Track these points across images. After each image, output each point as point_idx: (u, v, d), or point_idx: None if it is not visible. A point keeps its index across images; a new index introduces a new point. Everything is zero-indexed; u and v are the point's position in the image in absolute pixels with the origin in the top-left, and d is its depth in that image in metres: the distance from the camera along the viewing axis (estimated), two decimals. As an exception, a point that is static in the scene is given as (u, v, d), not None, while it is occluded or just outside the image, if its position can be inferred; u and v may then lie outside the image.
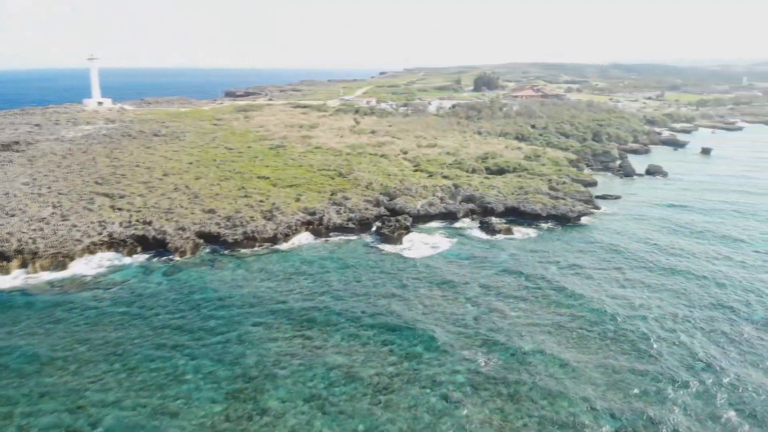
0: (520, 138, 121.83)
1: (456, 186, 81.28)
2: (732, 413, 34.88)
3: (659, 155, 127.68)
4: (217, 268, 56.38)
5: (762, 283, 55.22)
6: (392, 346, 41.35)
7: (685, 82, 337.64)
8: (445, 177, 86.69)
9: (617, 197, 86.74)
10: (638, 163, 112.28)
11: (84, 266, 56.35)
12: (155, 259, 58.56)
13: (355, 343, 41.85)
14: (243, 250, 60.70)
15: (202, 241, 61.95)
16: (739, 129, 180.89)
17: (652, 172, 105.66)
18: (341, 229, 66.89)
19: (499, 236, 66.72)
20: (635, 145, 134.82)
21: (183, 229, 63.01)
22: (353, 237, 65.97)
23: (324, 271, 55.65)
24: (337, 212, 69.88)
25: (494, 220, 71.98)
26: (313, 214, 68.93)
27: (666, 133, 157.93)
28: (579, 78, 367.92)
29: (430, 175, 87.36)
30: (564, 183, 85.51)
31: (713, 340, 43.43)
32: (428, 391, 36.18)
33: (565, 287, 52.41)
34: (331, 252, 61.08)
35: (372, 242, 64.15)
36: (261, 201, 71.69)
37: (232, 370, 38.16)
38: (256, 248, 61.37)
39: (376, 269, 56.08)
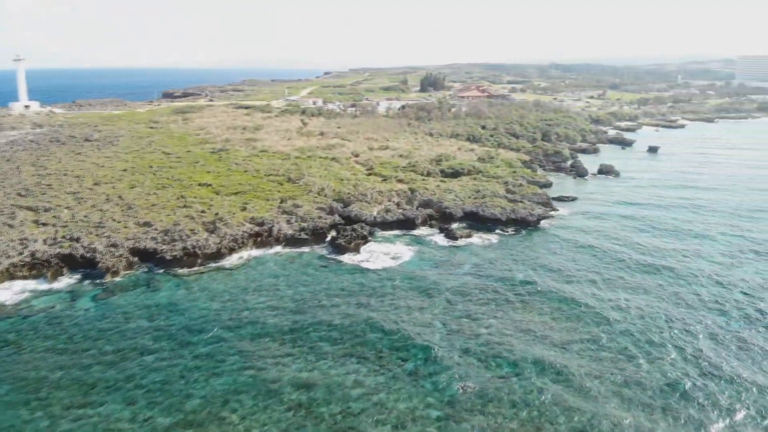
0: (472, 139, 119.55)
1: (412, 191, 77.58)
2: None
3: (608, 154, 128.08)
4: (154, 290, 50.58)
5: (735, 278, 55.17)
6: (357, 376, 37.00)
7: (624, 81, 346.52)
8: (400, 181, 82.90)
9: (573, 198, 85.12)
10: (589, 162, 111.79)
11: (1, 292, 49.57)
12: (84, 282, 52.17)
13: (315, 373, 37.27)
14: (183, 269, 54.95)
15: (136, 259, 55.87)
16: (682, 127, 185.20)
17: (605, 171, 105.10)
18: (293, 240, 61.99)
19: (461, 243, 63.38)
20: (584, 145, 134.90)
21: (115, 245, 56.70)
22: (306, 249, 61.20)
23: (275, 289, 50.70)
24: (288, 222, 64.93)
25: (454, 225, 68.63)
26: (261, 224, 63.74)
27: (612, 132, 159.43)
28: (521, 78, 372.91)
29: (385, 179, 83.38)
30: (520, 185, 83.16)
31: (694, 334, 41.30)
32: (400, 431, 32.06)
33: (534, 295, 49.62)
34: (283, 267, 56.13)
35: (328, 254, 59.55)
36: (202, 211, 65.92)
37: (173, 415, 32.94)
38: (197, 265, 55.74)
39: (334, 285, 51.52)
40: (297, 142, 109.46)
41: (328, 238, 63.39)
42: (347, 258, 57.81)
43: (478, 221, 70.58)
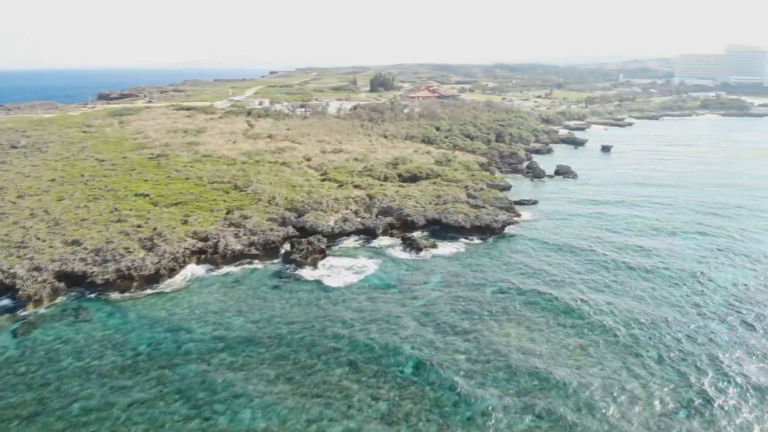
0: (427, 141, 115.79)
1: (371, 197, 72.84)
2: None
3: (562, 154, 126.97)
4: (83, 321, 44.11)
5: (719, 279, 54.42)
6: (321, 423, 31.97)
7: (568, 81, 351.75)
8: (356, 186, 78.00)
9: (534, 202, 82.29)
10: (544, 163, 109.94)
11: None
12: (2, 315, 45.09)
13: (273, 422, 32.02)
14: (116, 294, 48.61)
15: (63, 284, 49.08)
16: (630, 125, 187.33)
17: (562, 172, 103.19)
18: (242, 256, 56.28)
19: (425, 254, 59.06)
20: (537, 145, 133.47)
21: (38, 269, 49.65)
22: (258, 265, 55.62)
23: (223, 316, 44.97)
24: (236, 236, 59.13)
25: (416, 234, 64.31)
26: (205, 239, 57.75)
27: (564, 132, 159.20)
28: (468, 78, 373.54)
29: (340, 185, 78.32)
30: (481, 189, 79.68)
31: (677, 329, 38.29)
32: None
33: (508, 311, 45.73)
34: (232, 289, 50.37)
35: (282, 271, 54.10)
36: (139, 226, 59.27)
37: (100, 486, 27.17)
38: (133, 289, 49.45)
39: (291, 309, 46.20)
40: (243, 145, 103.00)
41: (282, 253, 58.00)
42: (304, 275, 52.54)
43: (441, 229, 66.56)
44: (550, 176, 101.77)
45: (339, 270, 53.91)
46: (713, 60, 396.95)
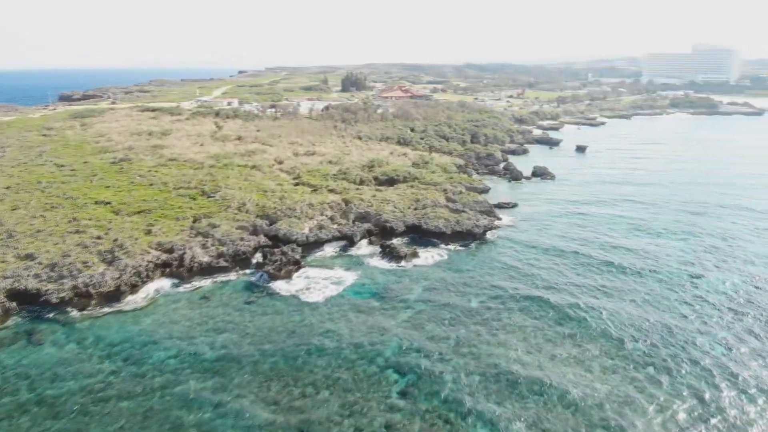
0: (402, 142, 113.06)
1: (347, 202, 69.68)
2: None
3: (537, 155, 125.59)
4: (36, 345, 40.19)
5: (713, 279, 54.05)
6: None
7: (538, 80, 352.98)
8: (332, 191, 74.75)
9: (514, 205, 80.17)
10: (520, 164, 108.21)
11: None
12: (-60, 340, 40.88)
13: (246, 461, 28.80)
14: (74, 313, 44.73)
15: (14, 304, 44.94)
16: (602, 124, 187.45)
17: (539, 173, 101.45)
18: (210, 269, 52.67)
19: (406, 263, 56.19)
20: (513, 146, 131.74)
21: (-16, 287, 45.41)
22: (228, 278, 52.10)
23: (190, 338, 41.41)
24: (203, 246, 55.44)
25: (395, 241, 61.46)
26: (170, 251, 53.94)
27: (538, 132, 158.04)
28: (440, 78, 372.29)
29: (315, 190, 74.97)
30: (460, 193, 77.19)
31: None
32: None
33: (496, 322, 43.22)
34: (199, 306, 46.77)
35: (254, 284, 50.65)
36: (98, 237, 55.11)
37: None
38: (92, 308, 45.58)
39: (265, 328, 42.82)
40: (211, 148, 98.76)
41: (254, 264, 54.55)
42: (279, 288, 49.17)
43: (421, 235, 63.83)
44: (528, 178, 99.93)
45: (316, 282, 50.67)
46: (680, 59, 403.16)
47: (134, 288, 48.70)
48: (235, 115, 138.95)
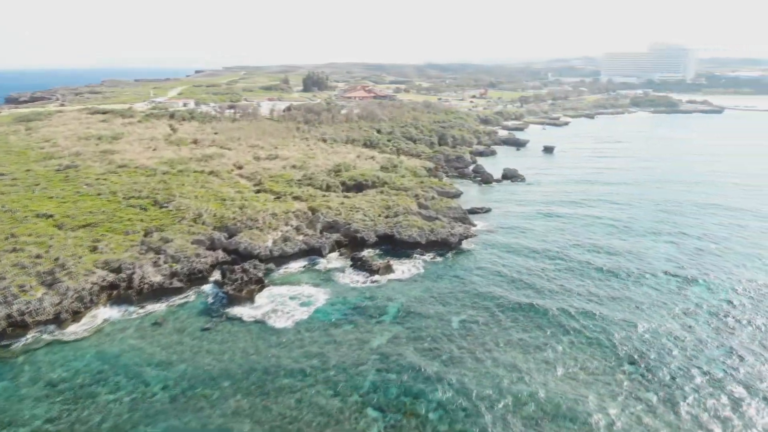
0: (369, 144, 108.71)
1: (313, 210, 64.97)
2: None
3: (505, 156, 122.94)
4: (-44, 389, 34.40)
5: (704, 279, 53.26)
6: None
7: (499, 80, 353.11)
8: (296, 198, 69.89)
9: (487, 210, 76.75)
10: (488, 165, 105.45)
11: None
12: None
13: None
14: (9, 343, 38.98)
15: (-68, 338, 38.98)
16: (566, 124, 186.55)
17: (509, 176, 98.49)
18: (163, 290, 47.38)
19: (380, 277, 51.86)
20: (480, 147, 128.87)
21: None
22: (182, 300, 46.87)
23: (139, 373, 36.22)
24: (155, 264, 50.05)
25: (367, 253, 57.15)
26: (117, 270, 48.45)
27: (504, 133, 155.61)
28: (402, 78, 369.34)
29: (278, 197, 69.99)
30: (432, 198, 73.32)
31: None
32: None
33: (479, 344, 39.36)
34: (150, 334, 41.51)
35: (212, 307, 45.53)
36: (38, 256, 49.16)
37: None
38: (28, 338, 39.93)
39: (224, 357, 37.92)
40: (165, 153, 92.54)
41: (211, 284, 49.44)
42: (240, 312, 44.19)
43: (394, 245, 59.66)
44: (498, 180, 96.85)
45: (282, 303, 45.82)
46: (637, 58, 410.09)
47: (76, 315, 43.16)
48: (191, 117, 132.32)
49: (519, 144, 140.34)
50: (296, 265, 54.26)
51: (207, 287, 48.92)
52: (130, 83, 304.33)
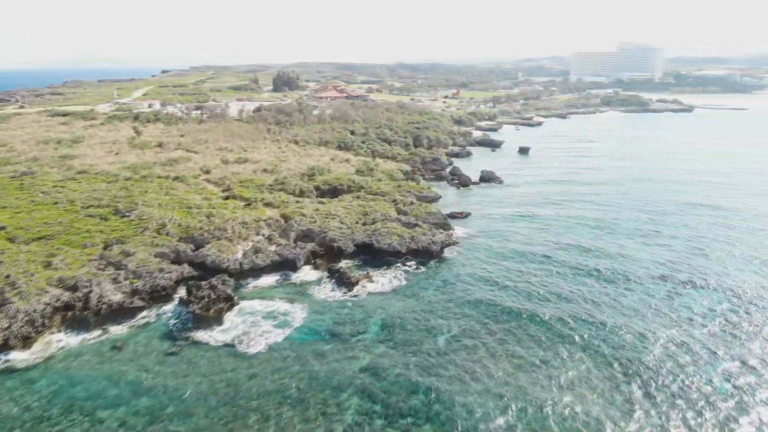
0: (343, 147, 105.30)
1: (286, 218, 61.49)
2: None
3: (481, 158, 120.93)
4: None
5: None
6: None
7: (471, 80, 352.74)
8: (268, 205, 66.26)
9: (467, 215, 74.20)
10: (464, 167, 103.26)
11: None
12: None
13: None
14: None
15: None
16: (539, 124, 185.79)
17: (487, 178, 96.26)
18: (123, 310, 43.48)
19: (359, 290, 48.74)
20: (456, 148, 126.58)
21: None
22: (144, 320, 43.04)
23: (95, 408, 32.43)
24: (114, 281, 46.11)
25: (344, 263, 54.00)
26: (73, 289, 44.39)
27: (478, 134, 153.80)
28: (374, 78, 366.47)
29: (248, 204, 66.27)
30: (411, 204, 70.39)
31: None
32: None
33: (468, 365, 36.58)
34: (109, 359, 37.68)
35: (177, 329, 41.76)
36: (-18, 275, 44.84)
37: None
38: (-34, 373, 35.73)
39: (191, 392, 34.18)
40: (128, 157, 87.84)
41: (176, 302, 45.67)
42: (207, 335, 40.54)
43: (373, 255, 56.56)
44: (476, 183, 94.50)
45: (254, 324, 42.28)
46: (606, 57, 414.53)
47: (27, 341, 39.07)
48: (156, 119, 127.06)
49: (494, 145, 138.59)
50: (269, 279, 50.72)
51: (171, 306, 45.13)
52: (93, 84, 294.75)
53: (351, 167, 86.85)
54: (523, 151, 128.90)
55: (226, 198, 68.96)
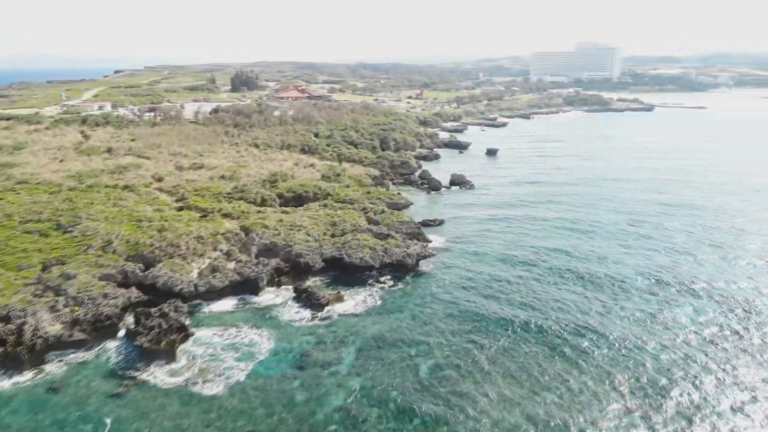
0: (307, 150, 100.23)
1: (247, 230, 56.47)
2: None
3: (449, 160, 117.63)
4: None
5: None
6: None
7: (432, 80, 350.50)
8: (226, 216, 61.09)
9: (441, 222, 70.40)
10: (433, 170, 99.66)
11: None
12: None
13: None
14: None
15: None
16: (504, 125, 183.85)
17: (458, 182, 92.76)
18: (61, 344, 38.00)
19: (330, 312, 44.25)
20: (423, 151, 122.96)
21: None
22: (86, 356, 37.65)
23: (20, 476, 27.23)
24: (53, 309, 40.51)
25: (312, 282, 49.44)
26: (5, 320, 38.73)
27: (444, 135, 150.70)
28: (336, 78, 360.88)
29: (205, 215, 60.95)
30: (382, 212, 66.15)
31: None
32: None
33: (455, 400, 32.44)
34: (45, 404, 32.38)
35: (123, 366, 36.47)
36: None
37: None
38: None
39: (134, 446, 29.31)
40: (73, 164, 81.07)
41: (123, 331, 40.36)
42: (158, 374, 35.38)
43: (343, 270, 52.11)
44: (447, 187, 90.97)
45: (212, 358, 37.28)
46: (565, 57, 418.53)
47: (-60, 387, 33.31)
48: (105, 122, 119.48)
49: (461, 147, 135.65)
50: (228, 302, 45.70)
51: (117, 338, 39.77)
52: (41, 85, 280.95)
53: (316, 172, 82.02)
54: (491, 152, 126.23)
55: (180, 209, 63.41)
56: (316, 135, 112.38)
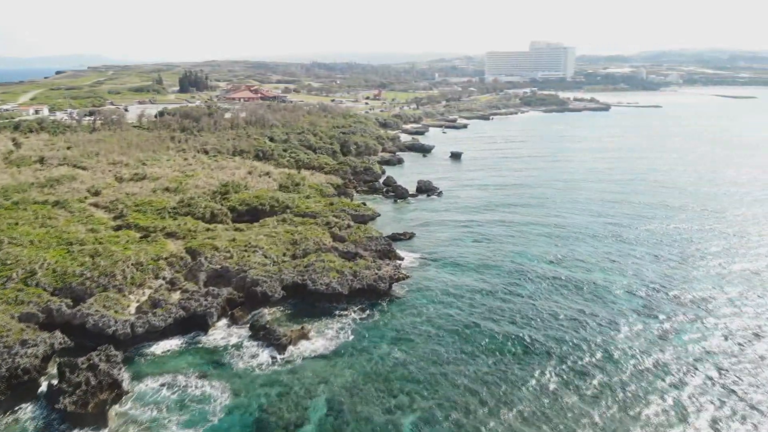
0: (262, 156, 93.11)
1: (194, 253, 49.50)
2: None
3: (413, 165, 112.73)
4: None
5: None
6: None
7: (388, 80, 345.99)
8: (170, 235, 53.92)
9: (411, 235, 64.80)
10: (397, 176, 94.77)
11: None
12: None
13: None
14: None
15: None
16: (464, 126, 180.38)
17: (425, 189, 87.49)
18: (-42, 413, 30.54)
19: (293, 353, 37.96)
20: (386, 155, 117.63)
21: None
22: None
23: None
24: (-49, 365, 32.88)
25: (271, 314, 43.04)
26: None
27: (406, 138, 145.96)
28: (290, 77, 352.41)
29: (146, 236, 53.62)
30: (348, 227, 60.12)
31: None
32: None
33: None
34: None
35: (37, 439, 29.46)
36: None
37: None
38: None
39: None
40: (0, 177, 72.08)
41: (42, 388, 33.16)
42: (83, 448, 28.55)
43: (306, 298, 45.83)
44: (413, 195, 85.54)
45: (152, 423, 30.40)
46: (519, 57, 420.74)
47: None
48: (40, 128, 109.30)
49: (425, 150, 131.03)
50: (172, 343, 38.87)
51: (35, 399, 32.51)
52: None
53: (273, 182, 75.16)
54: (456, 156, 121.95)
55: (118, 228, 55.82)
56: (272, 139, 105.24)
